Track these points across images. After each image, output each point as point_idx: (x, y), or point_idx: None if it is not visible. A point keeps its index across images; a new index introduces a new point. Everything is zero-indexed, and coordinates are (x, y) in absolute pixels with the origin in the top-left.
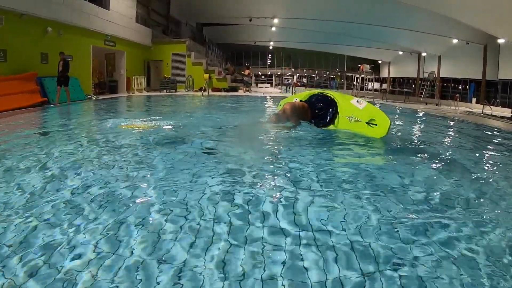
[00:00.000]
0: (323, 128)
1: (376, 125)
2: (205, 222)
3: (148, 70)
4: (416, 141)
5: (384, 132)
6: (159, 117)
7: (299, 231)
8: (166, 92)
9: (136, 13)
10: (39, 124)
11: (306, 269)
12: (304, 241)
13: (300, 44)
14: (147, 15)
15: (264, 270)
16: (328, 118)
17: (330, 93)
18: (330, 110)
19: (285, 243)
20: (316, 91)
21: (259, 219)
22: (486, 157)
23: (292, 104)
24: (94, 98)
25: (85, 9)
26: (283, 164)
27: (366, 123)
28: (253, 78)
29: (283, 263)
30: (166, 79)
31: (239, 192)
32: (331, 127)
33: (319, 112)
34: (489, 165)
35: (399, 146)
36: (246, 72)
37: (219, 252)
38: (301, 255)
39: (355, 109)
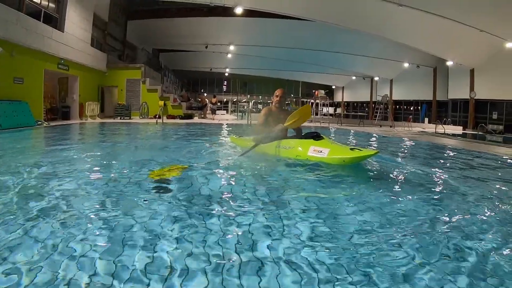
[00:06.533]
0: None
1: (360, 150)
2: None
3: (102, 96)
4: (377, 165)
5: (368, 152)
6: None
7: None
8: (120, 119)
9: (92, 36)
10: None
11: None
12: None
13: (255, 70)
14: (103, 39)
15: None
16: (312, 135)
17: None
18: (315, 133)
19: None
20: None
21: None
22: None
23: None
24: (45, 125)
25: (39, 30)
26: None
27: (350, 149)
28: (209, 105)
29: None
30: (121, 105)
31: None
32: (310, 141)
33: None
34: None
35: (366, 173)
36: (214, 100)
37: None
38: None
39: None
